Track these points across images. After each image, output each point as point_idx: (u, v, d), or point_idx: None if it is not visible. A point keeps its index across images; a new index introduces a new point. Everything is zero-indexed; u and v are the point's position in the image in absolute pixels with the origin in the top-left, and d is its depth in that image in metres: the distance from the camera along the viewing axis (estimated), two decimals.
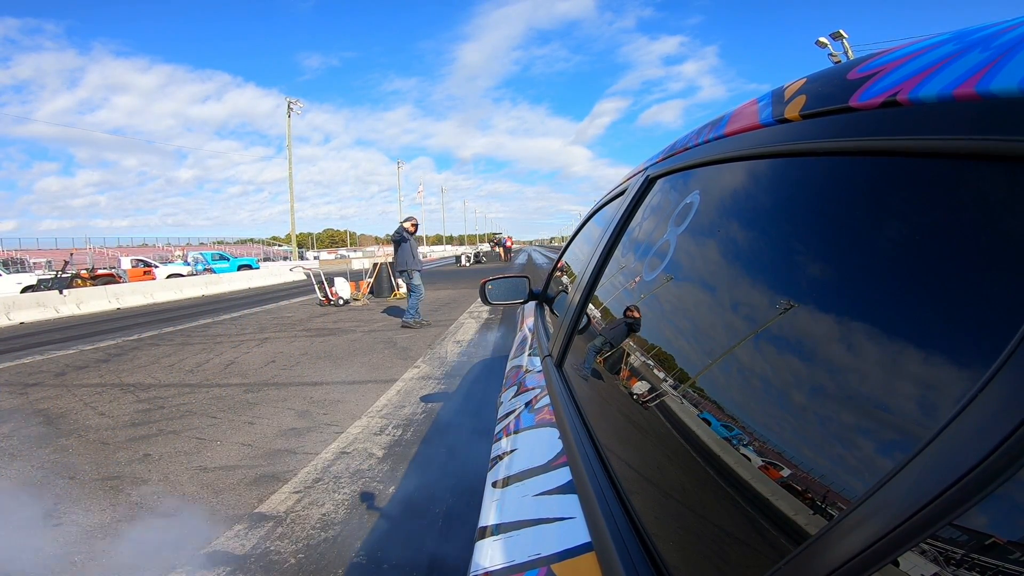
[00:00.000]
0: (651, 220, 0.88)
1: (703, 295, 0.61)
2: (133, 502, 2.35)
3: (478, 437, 2.88)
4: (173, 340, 6.82)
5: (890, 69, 0.39)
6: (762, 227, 0.53)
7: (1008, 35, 0.31)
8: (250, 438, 3.14)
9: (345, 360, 5.22)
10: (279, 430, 3.26)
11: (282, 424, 3.38)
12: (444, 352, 5.41)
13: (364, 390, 4.15)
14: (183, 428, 3.35)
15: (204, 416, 3.59)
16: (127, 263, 21.08)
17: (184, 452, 2.93)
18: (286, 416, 3.54)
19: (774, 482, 0.38)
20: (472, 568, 0.62)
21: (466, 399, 3.80)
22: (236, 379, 4.61)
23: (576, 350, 1.03)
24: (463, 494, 2.31)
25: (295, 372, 4.80)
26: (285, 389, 4.24)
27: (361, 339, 6.30)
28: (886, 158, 0.37)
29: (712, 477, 0.46)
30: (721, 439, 0.46)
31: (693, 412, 0.52)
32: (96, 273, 16.57)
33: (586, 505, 0.60)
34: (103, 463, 2.81)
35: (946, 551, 0.24)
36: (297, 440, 3.08)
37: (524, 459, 0.82)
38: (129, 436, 3.22)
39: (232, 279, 16.66)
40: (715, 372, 0.51)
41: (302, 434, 3.18)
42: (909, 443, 0.27)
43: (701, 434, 0.49)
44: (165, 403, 3.93)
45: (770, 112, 0.53)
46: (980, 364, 0.25)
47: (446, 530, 2.04)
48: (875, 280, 0.35)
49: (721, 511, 0.45)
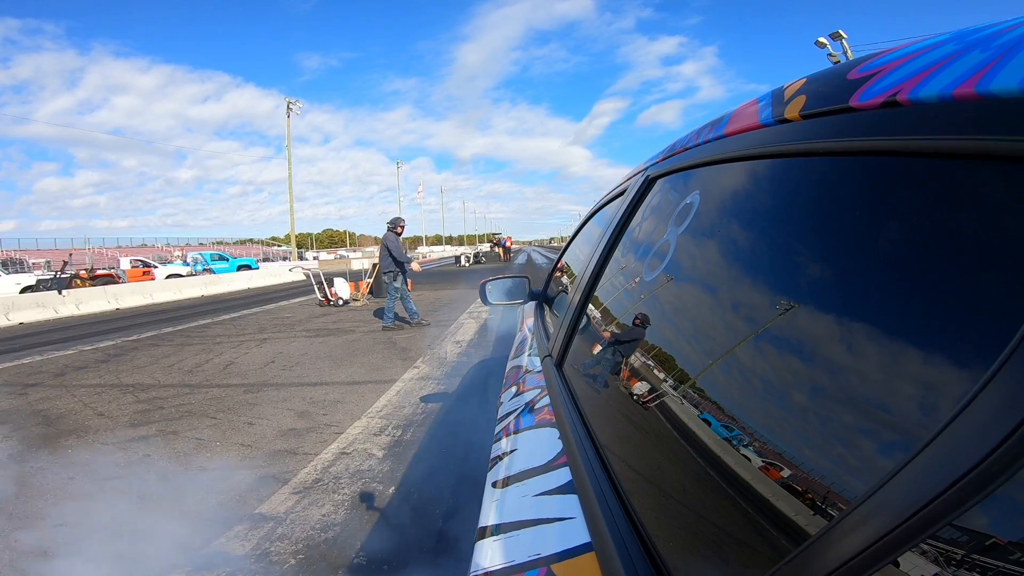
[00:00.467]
0: (651, 220, 0.88)
1: (703, 295, 0.61)
2: (130, 504, 2.35)
3: (478, 437, 2.88)
4: (173, 340, 6.78)
5: (890, 69, 0.39)
6: (762, 227, 0.53)
7: (1008, 35, 0.31)
8: (250, 439, 3.13)
9: (345, 360, 5.20)
10: (279, 431, 3.25)
11: (282, 425, 3.36)
12: (444, 352, 5.40)
13: (364, 390, 4.13)
14: (183, 428, 3.34)
15: (204, 416, 3.58)
16: (126, 263, 20.96)
17: (183, 453, 2.93)
18: (286, 417, 3.52)
19: (774, 482, 0.38)
20: (472, 568, 0.62)
21: (465, 400, 3.78)
22: (236, 379, 4.58)
23: (576, 350, 1.03)
24: (464, 490, 2.32)
25: (295, 373, 4.77)
26: (285, 390, 4.22)
27: (361, 339, 6.28)
28: (886, 158, 0.37)
29: (712, 477, 0.46)
30: (721, 439, 0.46)
31: (693, 412, 0.52)
32: (95, 273, 16.51)
33: (586, 505, 0.60)
34: (100, 466, 2.81)
35: (946, 551, 0.24)
36: (297, 441, 3.08)
37: (524, 459, 0.82)
38: (128, 437, 3.22)
39: (231, 279, 16.58)
40: (715, 372, 0.51)
41: (302, 435, 3.17)
42: (909, 443, 0.27)
43: (701, 434, 0.49)
44: (165, 403, 3.92)
45: (770, 112, 0.53)
46: (980, 364, 0.25)
47: (447, 530, 2.05)
48: (875, 280, 0.35)
49: (721, 511, 0.45)
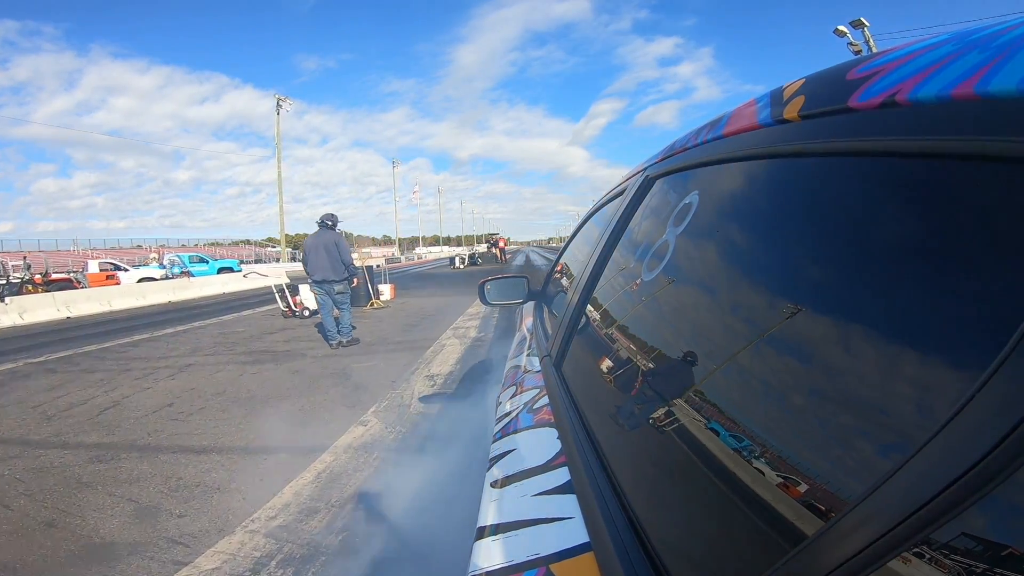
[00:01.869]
0: (650, 220, 0.88)
1: (702, 296, 0.62)
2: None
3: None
4: (77, 365, 5.25)
5: (889, 69, 0.39)
6: (761, 228, 0.53)
7: (1007, 35, 0.31)
8: (25, 555, 1.88)
9: (268, 405, 3.69)
10: (84, 545, 1.94)
11: (100, 530, 2.05)
12: (410, 394, 3.86)
13: (269, 467, 2.65)
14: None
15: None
16: (94, 267, 19.07)
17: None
18: (116, 515, 2.16)
19: (773, 482, 0.38)
20: (470, 568, 0.62)
21: (428, 499, 2.20)
22: (97, 435, 3.15)
23: (575, 350, 1.03)
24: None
25: (186, 426, 3.29)
26: (152, 457, 2.79)
27: (306, 369, 4.81)
28: (885, 159, 0.37)
29: (711, 477, 0.46)
30: (720, 439, 0.46)
31: (692, 412, 0.52)
32: (50, 278, 14.35)
33: (585, 505, 0.60)
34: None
35: (944, 552, 0.24)
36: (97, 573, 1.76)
37: (522, 459, 0.82)
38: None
39: (206, 283, 14.99)
40: (714, 372, 0.51)
41: (113, 560, 1.84)
42: (907, 444, 0.27)
43: (700, 434, 0.49)
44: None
45: (769, 112, 0.53)
46: (978, 365, 0.25)
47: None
48: (874, 280, 0.35)
49: (720, 511, 0.45)
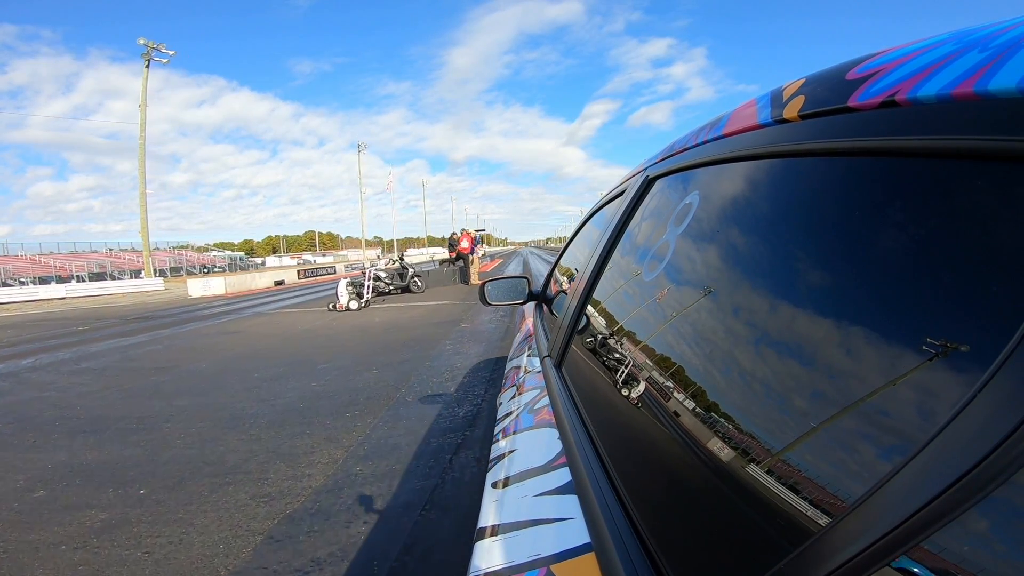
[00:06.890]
0: (650, 221, 0.88)
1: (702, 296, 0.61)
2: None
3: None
4: None
5: (889, 69, 0.39)
6: (761, 227, 0.53)
7: (1006, 35, 0.31)
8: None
9: None
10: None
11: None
12: None
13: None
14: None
15: None
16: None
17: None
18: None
19: (773, 483, 0.38)
20: (471, 569, 0.62)
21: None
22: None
23: (575, 351, 1.03)
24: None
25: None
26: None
27: None
28: (885, 158, 0.37)
29: (711, 477, 0.46)
30: (720, 440, 0.46)
31: (692, 413, 0.52)
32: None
33: (586, 505, 0.60)
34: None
35: (945, 552, 0.24)
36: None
37: (524, 460, 0.82)
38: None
39: None
40: (714, 372, 0.51)
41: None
42: (908, 444, 0.27)
43: (700, 435, 0.49)
44: None
45: (769, 112, 0.53)
46: (979, 365, 0.25)
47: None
48: (874, 280, 0.35)
49: (720, 511, 0.45)
